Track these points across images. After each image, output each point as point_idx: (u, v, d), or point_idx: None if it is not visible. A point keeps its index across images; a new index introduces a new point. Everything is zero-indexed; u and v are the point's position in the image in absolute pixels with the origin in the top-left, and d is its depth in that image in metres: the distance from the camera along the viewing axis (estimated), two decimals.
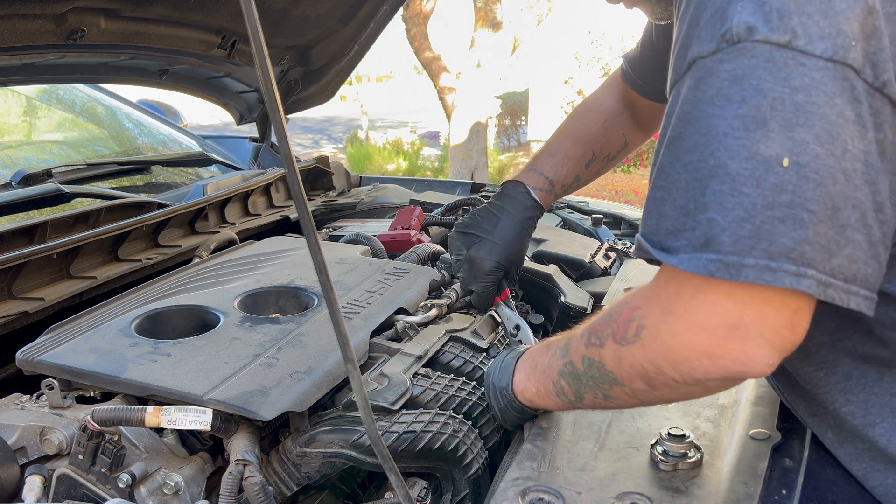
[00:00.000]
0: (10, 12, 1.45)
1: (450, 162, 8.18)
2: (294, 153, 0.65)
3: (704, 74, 0.74)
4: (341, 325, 0.68)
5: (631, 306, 0.83)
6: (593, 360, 0.88)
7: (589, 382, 0.90)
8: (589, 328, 0.91)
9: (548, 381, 0.98)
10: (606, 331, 0.86)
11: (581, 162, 1.48)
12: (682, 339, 0.76)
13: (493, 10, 7.28)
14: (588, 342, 0.89)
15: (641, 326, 0.81)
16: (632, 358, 0.82)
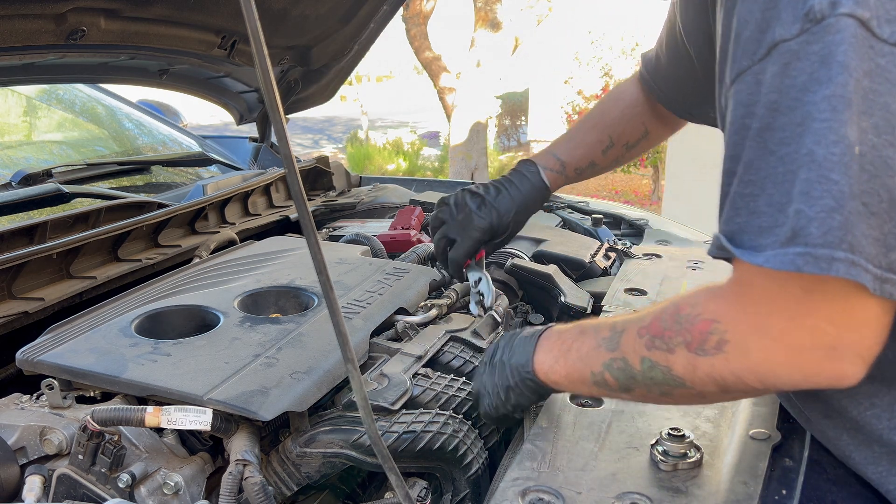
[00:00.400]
0: (10, 12, 1.45)
1: (450, 162, 8.19)
2: (294, 153, 0.65)
3: (791, 59, 0.70)
4: (341, 325, 0.68)
5: (707, 318, 0.80)
6: (657, 364, 0.85)
7: (646, 382, 0.88)
8: (650, 330, 0.87)
9: (585, 369, 0.95)
10: (677, 339, 0.83)
11: (597, 147, 1.49)
12: (777, 359, 0.74)
13: (493, 10, 7.29)
14: (651, 345, 0.86)
15: (724, 341, 0.78)
16: (710, 368, 0.80)
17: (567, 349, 0.99)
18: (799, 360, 0.73)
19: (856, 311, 0.70)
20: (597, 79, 10.21)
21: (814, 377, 0.74)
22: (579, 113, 9.89)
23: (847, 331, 0.71)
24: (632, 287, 1.65)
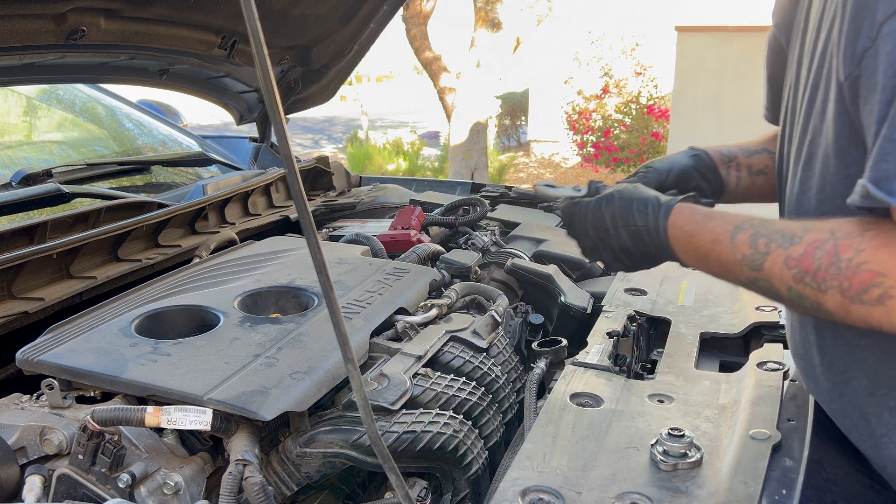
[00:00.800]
0: (10, 12, 1.45)
1: (450, 162, 8.18)
2: (294, 153, 0.65)
3: None
4: (341, 325, 0.68)
5: (873, 270, 0.78)
6: (806, 297, 0.84)
7: (793, 304, 0.87)
8: (799, 262, 0.84)
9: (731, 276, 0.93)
10: (831, 281, 0.81)
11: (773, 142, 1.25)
12: None
13: (493, 10, 7.28)
14: (799, 279, 0.84)
15: (889, 296, 0.76)
16: (867, 316, 0.79)
17: (705, 256, 0.96)
18: None
19: None
20: (597, 79, 10.21)
21: None
22: (580, 113, 9.90)
23: None
24: (632, 287, 1.65)
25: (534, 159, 12.71)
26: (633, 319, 1.50)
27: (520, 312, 1.68)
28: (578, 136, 9.94)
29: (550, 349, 1.42)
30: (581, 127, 9.79)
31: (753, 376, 1.20)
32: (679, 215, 1.00)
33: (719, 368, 1.37)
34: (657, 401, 1.15)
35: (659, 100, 9.46)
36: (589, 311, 1.61)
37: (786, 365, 1.22)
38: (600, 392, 1.17)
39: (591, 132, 9.65)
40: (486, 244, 1.96)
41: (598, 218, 1.04)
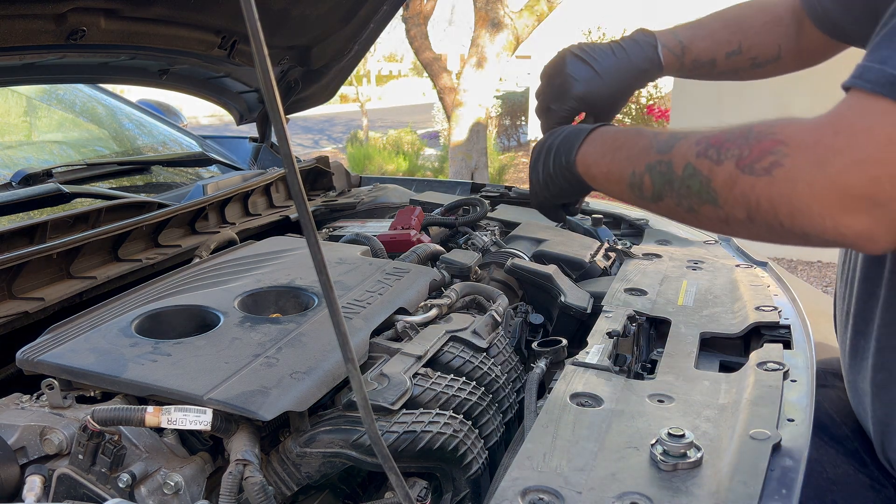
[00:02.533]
0: (10, 12, 1.45)
1: (450, 162, 8.18)
2: (294, 153, 0.65)
3: None
4: (341, 325, 0.68)
5: (776, 139, 0.77)
6: (699, 172, 0.83)
7: (681, 190, 0.85)
8: (708, 138, 0.84)
9: (628, 167, 0.92)
10: (732, 150, 0.80)
11: (724, 47, 1.33)
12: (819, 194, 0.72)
13: (493, 10, 7.28)
14: (703, 152, 0.83)
15: (778, 164, 0.75)
16: (749, 189, 0.77)
17: (619, 146, 0.96)
18: (839, 202, 0.71)
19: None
20: None
21: (842, 227, 0.71)
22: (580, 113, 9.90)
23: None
24: (632, 287, 1.65)
25: None
26: (633, 319, 1.50)
27: (520, 312, 1.68)
28: None
29: (550, 349, 1.42)
30: None
31: (753, 376, 1.20)
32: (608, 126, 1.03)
33: (719, 368, 1.37)
34: (657, 401, 1.15)
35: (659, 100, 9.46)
36: (589, 311, 1.61)
37: (786, 365, 1.22)
38: (600, 392, 1.17)
39: None
40: (486, 244, 1.96)
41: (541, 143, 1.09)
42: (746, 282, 1.69)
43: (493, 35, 7.32)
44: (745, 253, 1.95)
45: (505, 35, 7.35)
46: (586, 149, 0.99)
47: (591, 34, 10.62)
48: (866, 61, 0.74)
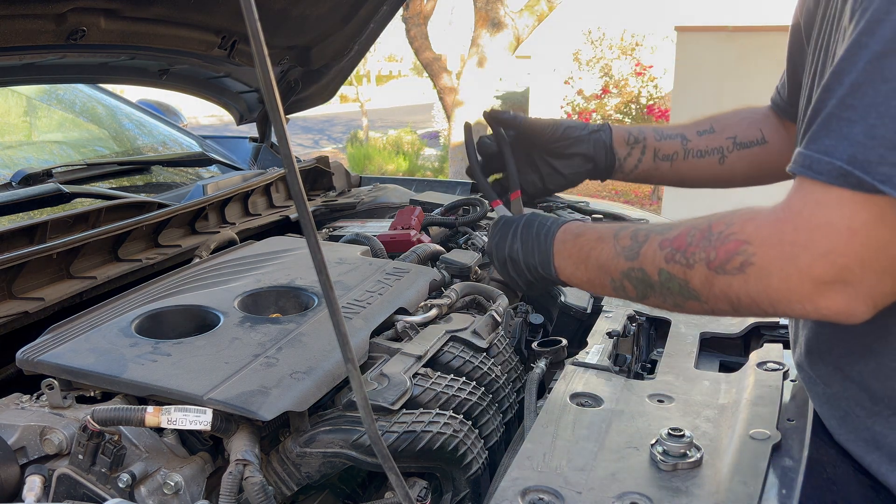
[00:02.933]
0: (10, 12, 1.45)
1: (450, 162, 8.19)
2: (294, 153, 0.65)
3: None
4: (341, 325, 0.68)
5: (739, 239, 0.80)
6: (675, 276, 0.86)
7: (663, 292, 0.89)
8: (672, 242, 0.87)
9: (605, 276, 0.96)
10: (700, 254, 0.83)
11: (693, 127, 1.31)
12: (795, 287, 0.76)
13: (493, 9, 7.28)
14: (671, 258, 0.87)
15: (749, 263, 0.79)
16: (727, 287, 0.81)
17: (585, 256, 0.99)
18: (816, 293, 0.75)
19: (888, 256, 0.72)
20: (597, 79, 10.22)
21: (822, 309, 0.76)
22: (580, 113, 9.90)
23: (872, 274, 0.72)
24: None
25: None
26: (633, 319, 1.50)
27: (520, 312, 1.68)
28: None
29: (550, 349, 1.43)
30: None
31: (753, 376, 1.20)
32: (571, 224, 1.05)
33: (719, 368, 1.37)
34: (657, 401, 1.15)
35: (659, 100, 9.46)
36: (589, 311, 1.61)
37: (786, 365, 1.22)
38: (600, 392, 1.17)
39: None
40: (486, 244, 1.96)
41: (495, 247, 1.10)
42: None
43: (493, 35, 7.33)
44: None
45: (505, 35, 7.35)
46: (559, 263, 1.03)
47: (591, 34, 10.63)
48: (810, 151, 0.76)
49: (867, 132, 0.71)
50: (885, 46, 0.70)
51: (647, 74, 9.56)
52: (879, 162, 0.70)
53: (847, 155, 0.72)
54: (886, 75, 0.70)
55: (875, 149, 0.70)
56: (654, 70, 9.58)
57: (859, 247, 0.72)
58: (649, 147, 1.28)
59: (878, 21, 0.70)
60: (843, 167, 0.72)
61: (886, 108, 0.69)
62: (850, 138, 0.72)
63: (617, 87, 9.86)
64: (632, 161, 1.28)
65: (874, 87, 0.70)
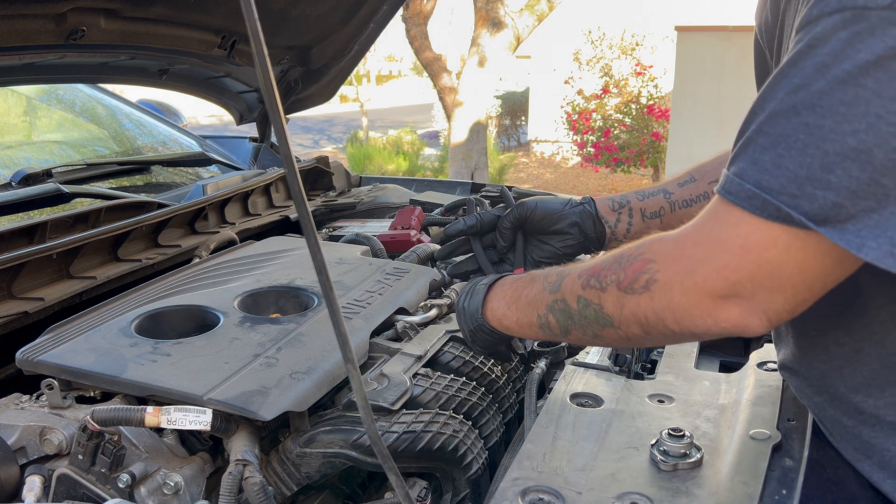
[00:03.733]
0: (10, 12, 1.45)
1: (450, 162, 8.18)
2: (294, 153, 0.65)
3: (864, 31, 0.67)
4: (341, 325, 0.68)
5: (646, 258, 0.84)
6: (590, 302, 0.90)
7: (581, 322, 0.92)
8: (589, 270, 0.91)
9: (532, 312, 0.99)
10: (611, 276, 0.87)
11: (673, 182, 1.31)
12: (694, 303, 0.79)
13: (493, 9, 7.28)
14: (587, 284, 0.91)
15: (653, 280, 0.82)
16: (635, 307, 0.84)
17: (517, 297, 1.03)
18: (714, 307, 0.78)
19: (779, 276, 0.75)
20: (597, 79, 10.21)
21: (721, 322, 0.79)
22: (580, 113, 9.90)
23: (765, 292, 0.76)
24: None
25: (534, 159, 12.71)
26: None
27: None
28: (578, 136, 9.94)
29: (550, 349, 1.42)
30: (581, 127, 9.79)
31: (753, 376, 1.20)
32: (515, 274, 1.11)
33: (719, 368, 1.37)
34: (657, 401, 1.15)
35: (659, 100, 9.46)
36: None
37: None
38: (600, 392, 1.17)
39: (591, 132, 9.65)
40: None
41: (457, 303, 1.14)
42: None
43: (493, 35, 7.32)
44: None
45: (505, 35, 7.35)
46: (491, 304, 1.07)
47: (591, 34, 10.62)
48: (728, 170, 0.78)
49: (775, 161, 0.73)
50: (803, 80, 0.71)
51: (647, 74, 9.55)
52: (780, 191, 0.72)
53: (755, 179, 0.74)
54: (798, 108, 0.72)
55: (778, 178, 0.73)
56: (654, 70, 9.57)
57: (751, 265, 0.75)
58: (635, 209, 1.29)
59: (803, 54, 0.72)
60: (752, 190, 0.74)
61: (794, 141, 0.71)
62: (759, 164, 0.74)
63: (617, 87, 9.85)
64: (622, 226, 1.29)
65: (787, 118, 0.72)
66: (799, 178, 0.71)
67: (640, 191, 1.32)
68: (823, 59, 0.70)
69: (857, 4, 0.68)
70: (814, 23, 0.71)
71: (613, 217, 1.29)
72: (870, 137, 0.68)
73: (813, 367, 1.00)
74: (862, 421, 0.94)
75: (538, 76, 12.33)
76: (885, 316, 0.86)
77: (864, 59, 0.67)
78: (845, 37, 0.68)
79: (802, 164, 0.71)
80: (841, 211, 0.70)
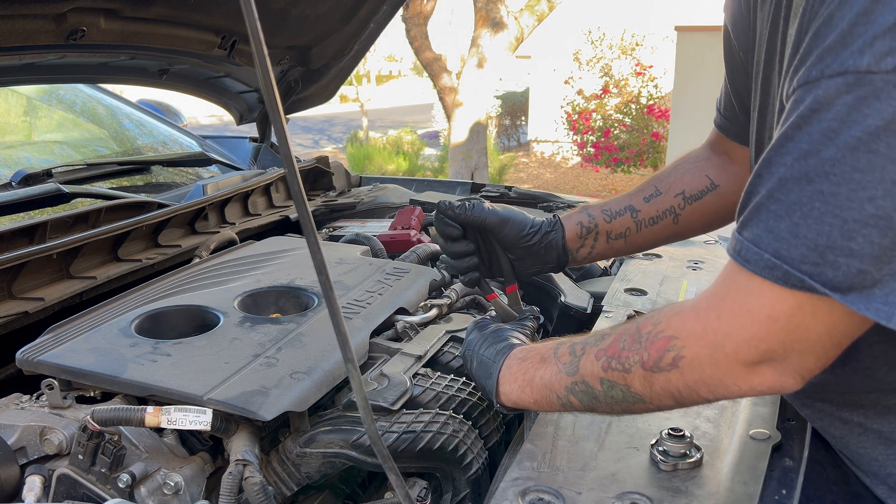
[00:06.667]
0: (10, 12, 1.45)
1: (450, 162, 8.19)
2: (294, 153, 0.65)
3: (869, 95, 0.65)
4: (341, 325, 0.68)
5: (667, 336, 0.83)
6: (616, 384, 0.88)
7: (607, 401, 0.91)
8: (606, 351, 0.90)
9: (551, 395, 0.97)
10: (633, 357, 0.85)
11: (638, 195, 1.30)
12: (728, 372, 0.79)
13: (493, 9, 7.28)
14: (608, 366, 0.89)
15: (680, 357, 0.81)
16: (666, 383, 0.83)
17: (530, 379, 1.00)
18: (747, 374, 0.78)
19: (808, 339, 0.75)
20: (597, 79, 10.22)
21: (756, 386, 0.79)
22: (580, 113, 9.90)
23: (796, 355, 0.76)
24: (632, 287, 1.65)
25: (534, 159, 12.71)
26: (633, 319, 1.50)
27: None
28: (578, 136, 9.95)
29: None
30: (581, 127, 9.80)
31: None
32: (518, 350, 1.06)
33: None
34: None
35: (659, 100, 9.46)
36: (589, 311, 1.61)
37: None
38: None
39: (591, 132, 9.66)
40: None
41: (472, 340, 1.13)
42: None
43: (493, 35, 7.32)
44: None
45: (505, 35, 7.35)
46: (503, 389, 1.04)
47: (591, 34, 10.62)
48: (742, 237, 0.77)
49: (791, 230, 0.71)
50: (811, 146, 0.69)
51: (647, 74, 9.55)
52: (801, 261, 0.71)
53: (772, 249, 0.73)
54: (811, 175, 0.69)
55: (798, 248, 0.71)
56: (654, 70, 9.57)
57: (780, 332, 0.75)
58: (601, 233, 1.28)
59: (807, 118, 0.70)
60: (771, 260, 0.73)
61: (810, 209, 0.70)
62: (775, 232, 0.72)
63: (617, 87, 9.85)
64: (584, 251, 1.28)
65: (799, 185, 0.70)
66: (819, 247, 0.69)
67: (607, 208, 1.29)
68: (830, 124, 0.68)
69: (860, 68, 0.65)
70: (813, 84, 0.69)
71: (577, 244, 1.27)
72: (888, 203, 0.66)
73: (804, 407, 1.02)
74: (849, 431, 0.95)
75: (538, 76, 12.33)
76: (876, 352, 0.87)
77: (874, 125, 0.65)
78: (850, 101, 0.66)
79: (821, 233, 0.69)
80: (866, 277, 0.69)
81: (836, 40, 0.67)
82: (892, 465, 0.90)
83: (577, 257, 1.28)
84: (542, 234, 1.25)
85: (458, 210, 1.21)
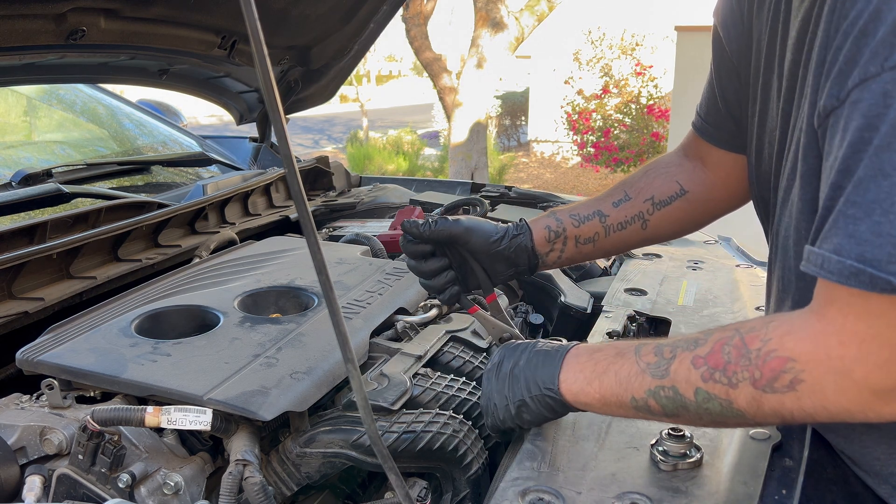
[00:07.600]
0: (10, 12, 1.45)
1: (450, 162, 8.19)
2: (294, 153, 0.65)
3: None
4: (341, 325, 0.68)
5: (782, 357, 0.77)
6: (715, 397, 0.82)
7: (699, 412, 0.85)
8: (705, 359, 0.84)
9: (625, 393, 0.91)
10: (743, 373, 0.80)
11: (607, 199, 1.28)
12: (854, 398, 0.74)
13: (493, 9, 7.28)
14: (709, 377, 0.83)
15: (798, 380, 0.76)
16: (778, 405, 0.79)
17: (602, 371, 0.94)
18: (874, 398, 0.73)
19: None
20: (597, 79, 10.22)
21: (885, 415, 0.74)
22: (580, 113, 9.90)
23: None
24: (632, 287, 1.65)
25: (534, 159, 12.71)
26: (633, 319, 1.50)
27: (520, 312, 1.68)
28: (578, 136, 9.95)
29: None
30: (581, 127, 9.80)
31: None
32: (585, 344, 1.01)
33: None
34: None
35: (659, 100, 9.46)
36: (589, 311, 1.61)
37: None
38: None
39: (591, 132, 9.66)
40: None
41: (494, 368, 1.05)
42: (746, 282, 1.69)
43: (493, 35, 7.33)
44: (746, 253, 1.95)
45: (505, 35, 7.35)
46: (565, 377, 0.97)
47: (591, 34, 10.62)
48: (823, 250, 0.73)
49: (873, 229, 0.68)
50: (884, 140, 0.68)
51: (647, 74, 9.56)
52: (888, 260, 0.67)
53: (856, 254, 0.69)
54: (887, 170, 0.68)
55: (883, 247, 0.68)
56: (654, 70, 9.57)
57: None
58: (570, 237, 1.26)
59: (879, 116, 0.68)
60: (854, 265, 0.69)
61: (890, 205, 0.67)
62: (856, 236, 0.69)
63: (617, 87, 9.86)
64: (554, 255, 1.27)
65: (876, 182, 0.68)
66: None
67: (575, 212, 1.27)
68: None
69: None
70: (873, 79, 0.68)
71: (547, 248, 1.26)
72: None
73: None
74: (851, 429, 0.94)
75: (538, 76, 12.33)
76: None
77: None
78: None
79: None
80: None
81: (891, 31, 0.67)
82: (895, 465, 0.90)
83: (546, 261, 1.27)
84: (510, 238, 1.24)
85: (423, 227, 1.20)
